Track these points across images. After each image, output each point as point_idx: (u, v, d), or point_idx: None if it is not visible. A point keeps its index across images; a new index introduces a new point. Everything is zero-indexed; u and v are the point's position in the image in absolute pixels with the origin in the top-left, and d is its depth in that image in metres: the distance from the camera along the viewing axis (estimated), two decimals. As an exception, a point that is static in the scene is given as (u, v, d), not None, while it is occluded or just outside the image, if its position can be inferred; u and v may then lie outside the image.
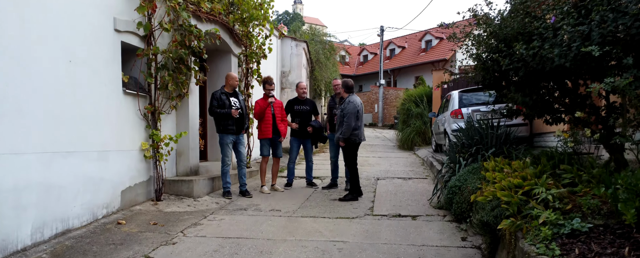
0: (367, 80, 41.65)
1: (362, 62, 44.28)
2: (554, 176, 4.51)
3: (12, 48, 3.98)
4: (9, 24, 3.94)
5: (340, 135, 6.58)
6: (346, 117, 6.48)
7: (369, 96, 36.54)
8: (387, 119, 34.00)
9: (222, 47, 8.02)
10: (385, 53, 39.42)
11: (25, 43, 4.11)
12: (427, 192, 7.10)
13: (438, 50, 35.22)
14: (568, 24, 4.28)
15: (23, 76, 4.09)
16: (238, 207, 6.15)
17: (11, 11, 3.97)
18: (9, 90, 3.95)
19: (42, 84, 4.31)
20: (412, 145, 15.32)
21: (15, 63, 4.01)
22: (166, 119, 6.42)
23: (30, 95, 4.17)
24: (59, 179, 4.52)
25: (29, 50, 4.15)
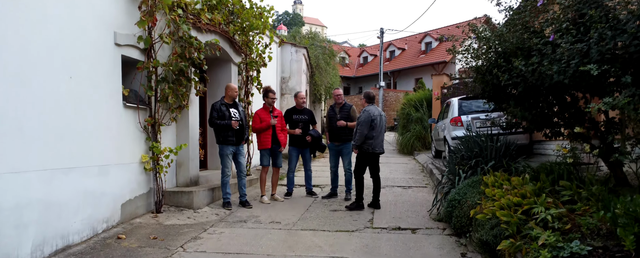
0: (367, 82, 41.67)
1: (362, 63, 44.29)
2: (553, 193, 4.53)
3: (13, 66, 3.99)
4: (10, 42, 3.96)
5: (355, 142, 6.73)
6: (360, 125, 6.65)
7: (369, 98, 36.58)
8: (387, 120, 34.01)
9: (222, 56, 8.03)
10: (385, 55, 39.42)
11: (25, 61, 4.12)
12: (426, 202, 7.11)
13: (438, 52, 35.20)
14: (567, 41, 4.29)
15: (24, 94, 4.10)
16: (238, 219, 6.16)
17: (12, 29, 3.98)
18: (9, 108, 3.96)
19: (43, 101, 4.32)
20: (412, 150, 15.33)
21: (15, 81, 4.02)
22: (166, 131, 6.43)
23: (31, 112, 4.18)
24: (60, 196, 4.53)
25: (29, 68, 4.16)
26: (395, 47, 40.75)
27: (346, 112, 7.45)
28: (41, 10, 4.29)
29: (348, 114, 7.42)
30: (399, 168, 11.48)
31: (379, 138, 6.83)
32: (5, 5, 3.92)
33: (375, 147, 6.80)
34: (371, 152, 6.83)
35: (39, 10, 4.27)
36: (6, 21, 3.93)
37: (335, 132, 7.46)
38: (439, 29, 38.15)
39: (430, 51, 36.65)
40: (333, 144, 7.58)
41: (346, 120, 7.37)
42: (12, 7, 3.98)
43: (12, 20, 3.98)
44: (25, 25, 4.11)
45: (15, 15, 4.01)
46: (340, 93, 7.58)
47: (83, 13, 4.87)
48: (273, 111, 7.38)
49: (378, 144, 6.82)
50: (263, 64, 9.14)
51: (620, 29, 4.07)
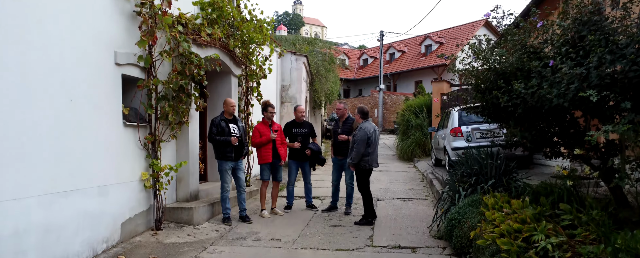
0: (367, 84, 41.68)
1: (362, 65, 44.29)
2: (554, 217, 4.53)
3: (13, 93, 3.99)
4: (11, 69, 3.96)
5: (350, 160, 6.74)
6: (356, 143, 6.68)
7: (369, 100, 36.54)
8: (387, 123, 34.02)
9: (223, 69, 8.01)
10: (385, 57, 39.44)
11: (26, 87, 4.13)
12: (427, 216, 7.11)
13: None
14: (567, 66, 4.28)
15: (24, 119, 4.11)
16: (238, 236, 6.15)
17: (13, 57, 3.99)
18: (10, 135, 3.97)
19: (43, 125, 4.32)
20: (412, 156, 15.34)
21: (16, 107, 4.02)
22: (166, 147, 6.42)
23: (31, 137, 4.18)
24: (59, 219, 4.53)
25: (30, 94, 4.17)
26: (395, 49, 40.75)
27: (348, 125, 7.44)
28: (42, 35, 4.30)
29: (350, 128, 7.41)
30: (399, 178, 11.47)
31: (374, 154, 6.89)
32: (7, 33, 3.92)
33: (372, 163, 6.86)
34: (368, 168, 6.86)
35: (40, 36, 4.27)
36: (7, 49, 3.93)
37: (339, 146, 7.46)
38: (439, 31, 38.17)
39: (430, 54, 36.64)
40: (336, 158, 7.57)
41: (348, 134, 7.36)
42: (13, 34, 3.99)
43: (14, 47, 3.99)
44: (26, 52, 4.12)
45: (16, 42, 4.02)
46: (342, 107, 7.57)
47: (84, 35, 4.87)
48: (272, 125, 7.38)
49: (374, 160, 6.89)
50: (263, 76, 9.14)
51: (620, 53, 4.07)
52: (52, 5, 4.43)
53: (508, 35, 5.53)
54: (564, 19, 5.13)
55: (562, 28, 4.90)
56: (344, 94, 41.05)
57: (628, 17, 4.48)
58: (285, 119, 13.03)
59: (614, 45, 4.11)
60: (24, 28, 4.10)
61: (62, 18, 4.55)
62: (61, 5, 4.54)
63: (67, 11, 4.61)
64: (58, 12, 4.50)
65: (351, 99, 39.77)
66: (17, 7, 4.04)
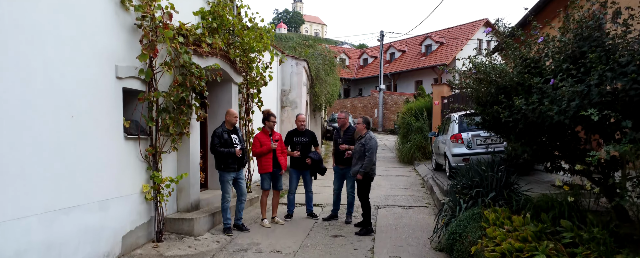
0: (367, 84, 41.67)
1: (362, 65, 44.26)
2: (555, 234, 4.53)
3: (16, 114, 4.00)
4: (13, 91, 3.97)
5: (361, 169, 6.80)
6: (369, 152, 6.79)
7: (369, 100, 36.54)
8: (387, 123, 34.03)
9: (223, 77, 8.00)
10: (385, 57, 39.42)
11: (28, 108, 4.14)
12: (428, 226, 7.11)
13: (438, 55, 35.21)
14: (568, 84, 4.27)
15: (26, 140, 4.12)
16: (239, 247, 6.16)
17: (15, 79, 4.00)
18: (12, 156, 3.97)
19: (45, 143, 4.33)
20: (412, 160, 15.35)
21: (18, 128, 4.04)
22: (167, 158, 6.42)
23: (33, 157, 4.19)
24: (60, 236, 4.54)
25: (32, 114, 4.18)
26: (395, 49, 40.72)
27: (350, 135, 7.44)
28: (44, 57, 4.31)
29: (351, 137, 7.40)
30: (399, 183, 11.47)
31: (376, 162, 7.01)
32: (8, 56, 3.93)
33: (375, 170, 7.00)
34: (371, 176, 6.94)
35: (42, 57, 4.28)
36: (9, 71, 3.94)
37: (340, 155, 7.46)
38: (439, 31, 38.13)
39: (430, 53, 36.64)
40: (338, 167, 7.57)
41: (349, 143, 7.36)
42: (15, 57, 3.99)
43: (15, 70, 4.00)
44: (28, 73, 4.13)
45: (18, 64, 4.02)
46: (343, 116, 7.55)
47: (85, 52, 4.87)
48: (273, 134, 7.38)
49: (375, 167, 7.02)
50: (264, 84, 9.13)
51: (621, 71, 4.07)
52: (53, 25, 4.43)
53: (509, 49, 5.53)
54: (565, 33, 5.13)
55: (563, 43, 4.90)
56: (344, 94, 41.05)
57: (629, 33, 4.48)
58: (286, 123, 13.04)
59: (614, 63, 4.10)
60: (25, 51, 4.11)
61: (63, 38, 4.55)
62: (62, 24, 4.54)
63: (68, 30, 4.61)
64: (59, 32, 4.50)
65: (351, 98, 39.77)
66: (18, 31, 4.04)
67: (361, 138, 6.92)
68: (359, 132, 7.04)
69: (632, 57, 4.11)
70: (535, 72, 5.07)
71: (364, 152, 6.82)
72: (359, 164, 6.86)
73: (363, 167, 6.78)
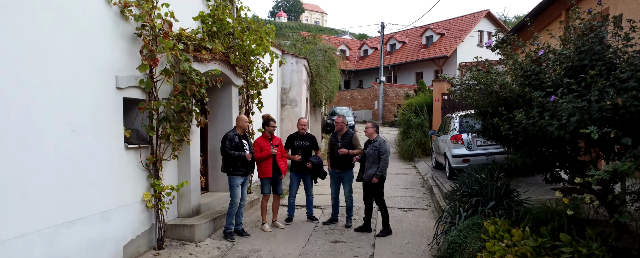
0: (367, 76, 41.56)
1: (363, 56, 44.11)
2: (554, 248, 4.56)
3: (16, 133, 4.01)
4: (12, 109, 3.97)
5: (378, 173, 6.96)
6: (385, 155, 6.97)
7: (369, 92, 36.50)
8: (387, 116, 34.01)
9: (223, 80, 8.00)
10: (386, 48, 39.27)
11: (28, 125, 4.16)
12: (427, 231, 7.16)
13: (439, 47, 35.08)
14: (568, 100, 4.26)
15: (27, 157, 4.13)
16: (240, 255, 6.19)
17: (14, 97, 4.00)
18: (12, 174, 3.99)
19: (46, 159, 4.35)
20: (412, 156, 15.38)
21: (18, 146, 4.05)
22: (167, 164, 6.44)
23: (34, 173, 4.21)
24: (62, 250, 4.57)
25: (32, 131, 4.19)
26: (395, 40, 40.55)
27: (348, 140, 7.45)
28: (43, 73, 4.30)
29: (350, 142, 7.42)
30: (399, 182, 11.50)
31: None
32: (8, 73, 3.92)
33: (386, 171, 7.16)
34: (384, 177, 7.14)
35: (41, 73, 4.27)
36: (9, 88, 3.93)
37: (337, 160, 7.48)
38: (440, 22, 37.95)
39: (431, 45, 36.50)
40: (334, 171, 7.60)
41: (348, 148, 7.38)
42: (14, 73, 3.98)
43: (15, 86, 3.99)
44: (28, 89, 4.13)
45: (18, 83, 4.03)
46: (340, 121, 7.55)
47: (85, 66, 4.86)
48: (273, 139, 7.39)
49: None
50: (264, 86, 9.11)
51: (621, 86, 4.07)
52: (52, 39, 4.41)
53: (509, 58, 5.51)
54: (566, 44, 5.11)
55: (564, 56, 4.88)
56: (344, 86, 40.96)
57: (630, 46, 4.46)
58: (286, 121, 13.04)
59: (615, 79, 4.09)
60: (24, 67, 4.10)
61: (63, 52, 4.54)
62: (61, 38, 4.53)
63: (67, 44, 4.60)
64: (58, 46, 4.49)
65: (351, 90, 39.70)
66: (17, 47, 4.03)
67: (374, 142, 7.02)
68: (370, 136, 7.13)
69: (633, 73, 4.11)
70: (535, 84, 5.06)
71: (378, 155, 6.94)
72: (373, 168, 6.96)
73: (379, 170, 6.93)
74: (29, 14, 4.15)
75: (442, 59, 33.28)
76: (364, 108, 36.97)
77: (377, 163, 6.92)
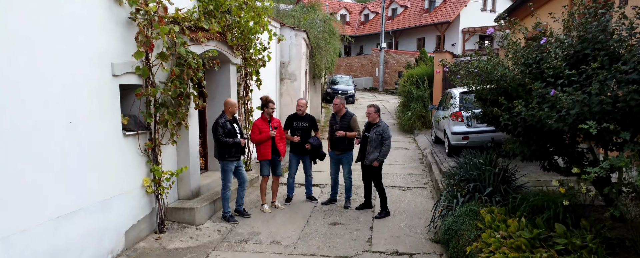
0: (368, 41, 41.02)
1: (363, 21, 43.39)
2: (549, 239, 4.62)
3: (12, 126, 3.98)
4: (8, 100, 3.93)
5: (381, 157, 6.96)
6: (388, 140, 6.95)
7: (370, 59, 36.18)
8: (388, 83, 33.83)
9: (221, 58, 7.91)
10: (387, 13, 38.62)
11: (27, 122, 4.13)
12: (425, 212, 7.24)
13: (441, 12, 34.42)
14: (567, 93, 4.23)
15: (25, 151, 4.12)
16: (240, 238, 6.29)
17: (11, 93, 3.96)
18: (15, 168, 4.02)
19: (45, 153, 4.34)
20: (412, 129, 15.39)
21: (17, 140, 4.04)
22: (166, 149, 6.44)
23: (32, 168, 4.21)
24: (64, 241, 4.64)
25: (32, 126, 4.18)
26: (397, 4, 39.83)
27: (346, 121, 7.42)
28: (37, 66, 4.24)
29: (348, 124, 7.40)
30: (398, 158, 11.55)
31: None
32: (2, 68, 3.86)
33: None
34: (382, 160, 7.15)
35: (36, 66, 4.22)
36: (4, 84, 3.88)
37: (336, 141, 7.49)
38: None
39: (433, 10, 35.83)
40: (333, 153, 7.62)
41: (346, 130, 7.36)
42: (7, 67, 3.92)
43: (10, 81, 3.93)
44: (24, 84, 4.08)
45: (13, 75, 3.95)
46: (338, 102, 7.49)
47: (80, 58, 4.78)
48: (272, 121, 7.37)
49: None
50: (262, 65, 9.01)
51: (623, 78, 4.02)
52: (46, 31, 4.32)
53: (511, 46, 5.43)
54: (568, 32, 5.02)
55: (567, 44, 4.80)
56: (344, 52, 40.48)
57: (634, 36, 4.38)
58: (285, 96, 12.97)
59: (617, 71, 4.04)
60: (18, 60, 4.03)
61: (56, 42, 4.45)
62: (54, 28, 4.43)
63: (61, 35, 4.50)
64: (52, 37, 4.39)
65: (352, 57, 39.33)
66: (9, 40, 3.94)
67: (378, 127, 6.97)
68: (372, 120, 7.07)
69: (635, 65, 4.06)
70: (536, 73, 5.00)
71: (381, 140, 6.90)
72: (376, 153, 6.95)
73: (381, 155, 6.93)
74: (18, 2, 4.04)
75: (444, 25, 32.74)
76: (365, 75, 36.73)
77: (380, 148, 6.91)
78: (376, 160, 6.94)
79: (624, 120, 4.19)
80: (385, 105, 25.01)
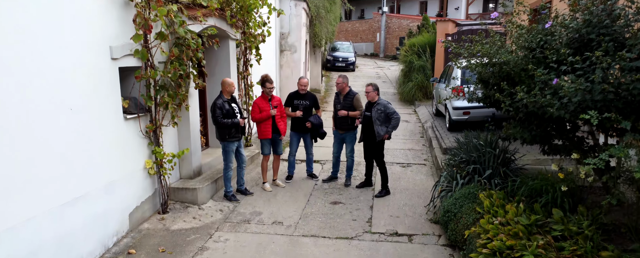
0: (369, 5, 40.30)
1: (365, -16, 42.45)
2: (546, 226, 4.69)
3: (14, 116, 3.97)
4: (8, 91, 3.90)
5: (391, 129, 6.97)
6: (395, 114, 6.93)
7: (371, 24, 35.68)
8: (389, 49, 33.50)
9: (220, 34, 7.81)
10: (389, -23, 37.73)
11: (26, 106, 4.09)
12: (425, 191, 7.33)
13: (444, -24, 33.66)
14: (570, 82, 4.20)
15: (28, 141, 4.11)
16: (242, 218, 6.39)
17: (12, 84, 3.92)
18: (17, 157, 4.00)
19: (47, 141, 4.34)
20: (413, 100, 15.35)
21: (20, 131, 4.02)
22: (167, 130, 6.45)
23: (36, 157, 4.22)
24: (70, 227, 4.71)
25: (31, 114, 4.14)
26: (399, -33, 38.88)
27: (349, 101, 7.40)
28: (36, 54, 4.17)
29: (350, 104, 7.37)
30: (398, 131, 11.54)
31: None
32: (4, 64, 3.82)
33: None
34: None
35: (35, 54, 4.15)
36: (7, 79, 3.85)
37: (339, 120, 7.48)
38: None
39: (436, -27, 35.04)
40: (337, 132, 7.62)
41: (348, 109, 7.35)
42: (6, 57, 3.87)
43: (13, 76, 3.89)
44: (23, 73, 4.03)
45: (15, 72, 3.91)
46: (341, 81, 7.44)
47: (77, 40, 4.68)
48: (272, 99, 7.34)
49: None
50: (262, 40, 8.90)
51: (628, 67, 4.00)
52: (42, 16, 4.24)
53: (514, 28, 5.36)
54: (574, 14, 4.94)
55: (571, 29, 4.74)
56: (345, 16, 39.83)
57: (638, 21, 4.33)
58: (285, 68, 12.87)
59: (621, 60, 4.02)
60: (17, 49, 3.97)
61: (54, 28, 4.36)
62: (51, 14, 4.34)
63: (57, 19, 4.41)
64: (48, 23, 4.30)
65: (352, 21, 38.77)
66: (7, 30, 3.88)
67: (378, 105, 6.95)
68: (372, 99, 7.04)
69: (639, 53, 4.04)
70: (539, 57, 4.96)
71: (386, 116, 6.90)
72: (384, 128, 6.94)
73: (392, 126, 6.93)
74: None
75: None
76: (365, 40, 36.32)
77: (387, 122, 6.90)
78: (386, 133, 6.91)
79: (625, 108, 4.19)
80: (386, 72, 24.88)
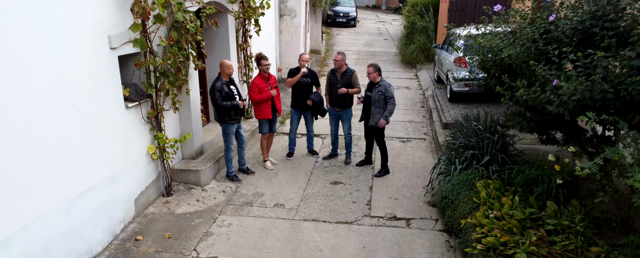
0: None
1: None
2: (539, 220, 4.83)
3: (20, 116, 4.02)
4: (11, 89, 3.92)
5: (388, 114, 6.95)
6: (392, 99, 6.88)
7: (373, -25, 34.61)
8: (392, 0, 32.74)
9: (218, 8, 7.67)
10: None
11: (30, 105, 4.13)
12: (424, 169, 7.46)
13: None
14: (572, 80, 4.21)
15: (33, 139, 4.18)
16: (244, 200, 6.54)
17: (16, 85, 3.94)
18: (24, 157, 4.08)
19: (52, 138, 4.40)
20: (415, 63, 15.21)
21: (25, 130, 4.08)
22: (169, 114, 6.48)
23: (42, 154, 4.29)
24: (79, 219, 4.85)
25: (35, 113, 4.18)
26: None
27: (348, 78, 7.37)
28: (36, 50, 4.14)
29: (349, 81, 7.35)
30: (399, 100, 11.45)
31: None
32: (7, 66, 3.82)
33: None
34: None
35: (35, 51, 4.12)
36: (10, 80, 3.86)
37: (336, 99, 7.48)
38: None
39: None
40: (333, 109, 7.65)
41: (347, 86, 7.34)
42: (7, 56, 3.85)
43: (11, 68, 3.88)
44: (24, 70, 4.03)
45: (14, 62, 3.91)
46: (340, 58, 7.36)
47: (76, 32, 4.63)
48: (270, 79, 7.30)
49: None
50: (261, 14, 8.73)
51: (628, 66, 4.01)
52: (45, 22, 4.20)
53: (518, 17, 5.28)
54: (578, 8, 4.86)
55: (576, 22, 4.67)
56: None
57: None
58: (284, 33, 12.68)
59: (622, 59, 4.01)
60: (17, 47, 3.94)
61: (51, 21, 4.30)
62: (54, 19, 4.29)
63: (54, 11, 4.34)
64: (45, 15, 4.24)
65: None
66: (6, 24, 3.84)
67: (379, 86, 6.91)
68: (373, 79, 7.00)
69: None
70: (542, 49, 4.92)
71: (385, 99, 6.86)
72: (380, 113, 6.93)
73: (388, 111, 6.91)
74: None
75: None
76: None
77: (384, 108, 6.90)
78: (382, 118, 6.91)
79: (624, 106, 4.23)
80: (388, 27, 24.48)
